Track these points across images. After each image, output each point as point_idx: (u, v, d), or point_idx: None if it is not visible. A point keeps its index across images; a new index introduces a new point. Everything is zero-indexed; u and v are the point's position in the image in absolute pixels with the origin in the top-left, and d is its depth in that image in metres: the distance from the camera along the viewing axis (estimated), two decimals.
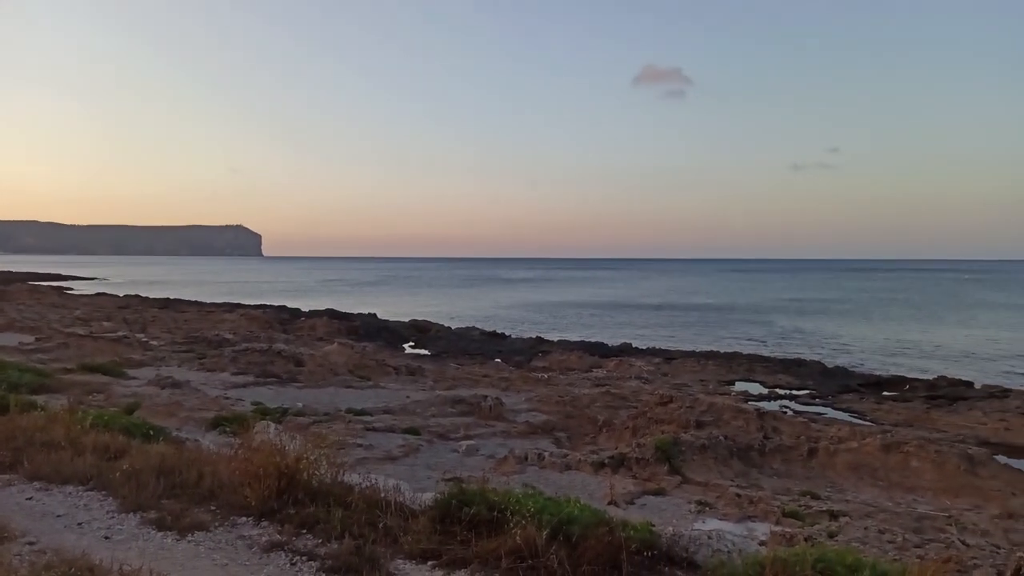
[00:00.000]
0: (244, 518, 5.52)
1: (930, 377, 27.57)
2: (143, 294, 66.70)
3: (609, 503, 9.54)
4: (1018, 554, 7.35)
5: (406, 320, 46.57)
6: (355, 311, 50.42)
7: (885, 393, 25.40)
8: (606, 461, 11.73)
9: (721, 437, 13.44)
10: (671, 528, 5.37)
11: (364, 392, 19.25)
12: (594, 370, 28.62)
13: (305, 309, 51.59)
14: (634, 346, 37.07)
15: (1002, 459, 14.54)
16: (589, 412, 17.68)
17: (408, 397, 18.35)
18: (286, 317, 44.48)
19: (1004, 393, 23.52)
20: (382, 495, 5.67)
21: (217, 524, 5.40)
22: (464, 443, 13.31)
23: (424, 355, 33.13)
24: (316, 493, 5.84)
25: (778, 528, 8.67)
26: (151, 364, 21.50)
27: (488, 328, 45.02)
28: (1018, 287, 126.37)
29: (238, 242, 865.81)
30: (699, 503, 9.94)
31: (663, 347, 37.21)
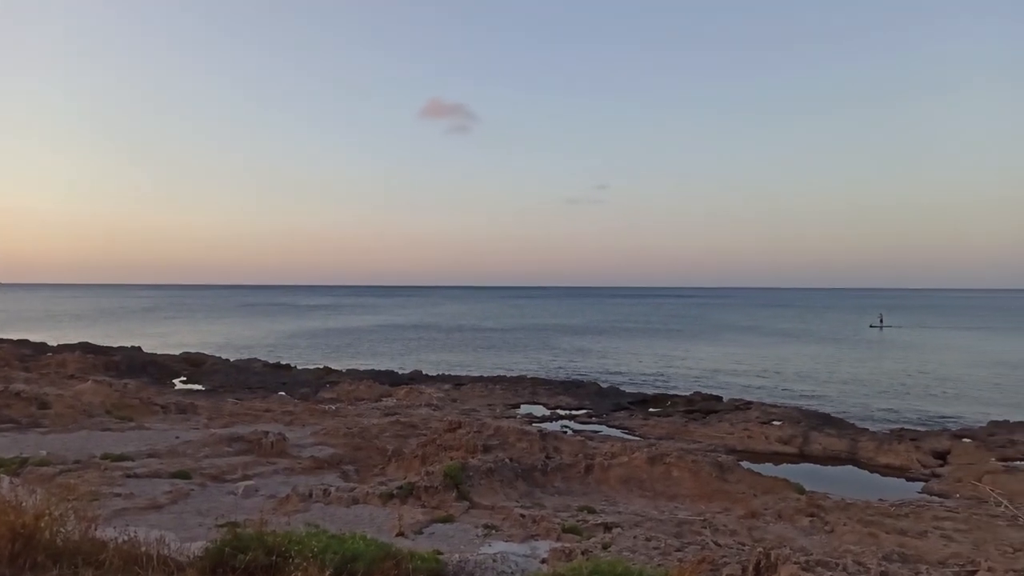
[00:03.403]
0: None
1: (688, 393, 30.69)
2: None
3: (397, 535, 9.42)
4: (759, 549, 8.36)
5: (177, 353, 42.71)
6: (116, 344, 45.27)
7: (651, 409, 27.79)
8: (395, 492, 11.58)
9: (507, 460, 13.87)
10: (457, 555, 5.43)
11: (125, 434, 17.29)
12: (384, 399, 28.25)
13: (53, 343, 45.35)
14: (425, 373, 37.18)
15: (746, 464, 16.51)
16: (378, 442, 17.38)
17: (178, 437, 16.79)
18: (27, 353, 38.68)
19: (747, 405, 26.77)
20: (143, 549, 5.09)
21: None
22: (242, 484, 12.44)
23: (198, 391, 30.56)
24: (61, 553, 5.09)
25: (558, 544, 9.09)
26: None
27: (272, 359, 42.69)
28: (753, 310, 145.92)
29: None
30: (486, 527, 10.14)
31: (453, 373, 37.74)
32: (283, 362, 40.99)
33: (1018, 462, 18.55)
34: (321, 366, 39.24)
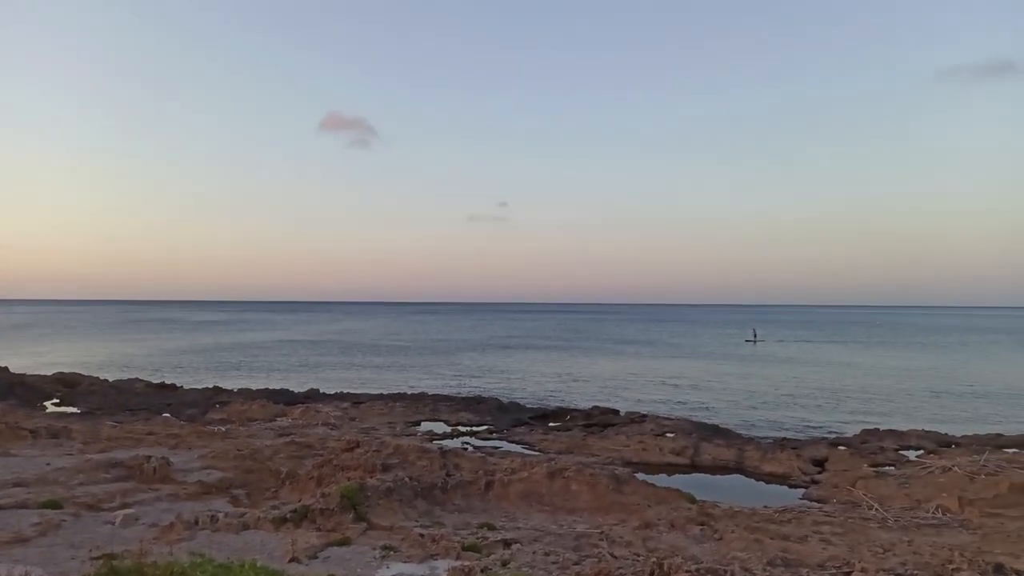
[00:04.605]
0: None
1: (586, 407, 31.32)
2: None
3: (291, 560, 9.08)
4: (652, 559, 8.59)
5: (50, 373, 39.68)
6: None
7: (551, 424, 28.14)
8: (288, 515, 11.15)
9: (406, 479, 13.65)
10: None
11: None
12: (278, 419, 27.24)
13: None
14: (322, 391, 36.16)
15: (641, 476, 16.96)
16: (271, 464, 16.72)
17: (48, 464, 15.56)
18: None
19: (642, 418, 27.57)
20: None
21: None
22: (121, 512, 11.64)
23: (72, 413, 28.47)
24: None
25: (458, 563, 9.02)
26: None
27: (156, 379, 40.41)
28: (647, 325, 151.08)
29: None
30: (384, 548, 9.93)
31: (352, 391, 36.91)
32: (168, 382, 38.87)
33: (888, 467, 19.97)
34: (210, 385, 37.47)
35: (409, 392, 36.14)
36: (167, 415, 28.06)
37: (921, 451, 22.59)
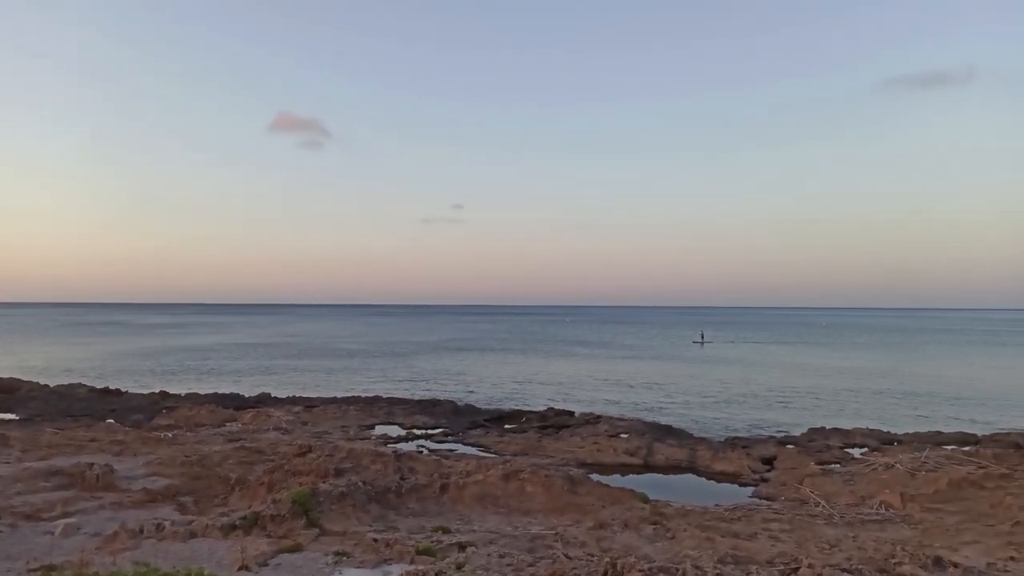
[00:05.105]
0: None
1: (542, 409, 31.43)
2: None
3: (240, 568, 8.89)
4: (606, 559, 8.66)
5: None
6: None
7: (507, 426, 28.16)
8: (237, 523, 10.91)
9: (360, 483, 13.50)
10: None
11: None
12: (228, 424, 26.69)
13: None
14: (273, 395, 35.51)
15: (596, 477, 17.11)
16: (220, 471, 16.36)
17: None
18: None
19: (596, 419, 27.80)
20: None
21: None
22: (61, 522, 11.25)
23: (10, 420, 27.37)
24: None
25: (412, 567, 8.95)
26: None
27: (100, 384, 39.09)
28: (601, 326, 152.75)
29: None
30: (337, 554, 9.80)
31: (304, 395, 36.35)
32: (112, 387, 37.66)
33: (834, 465, 20.54)
34: (157, 390, 36.42)
35: (363, 395, 35.75)
36: (111, 421, 27.21)
37: (865, 449, 23.28)
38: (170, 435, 23.04)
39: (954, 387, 43.39)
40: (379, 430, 26.66)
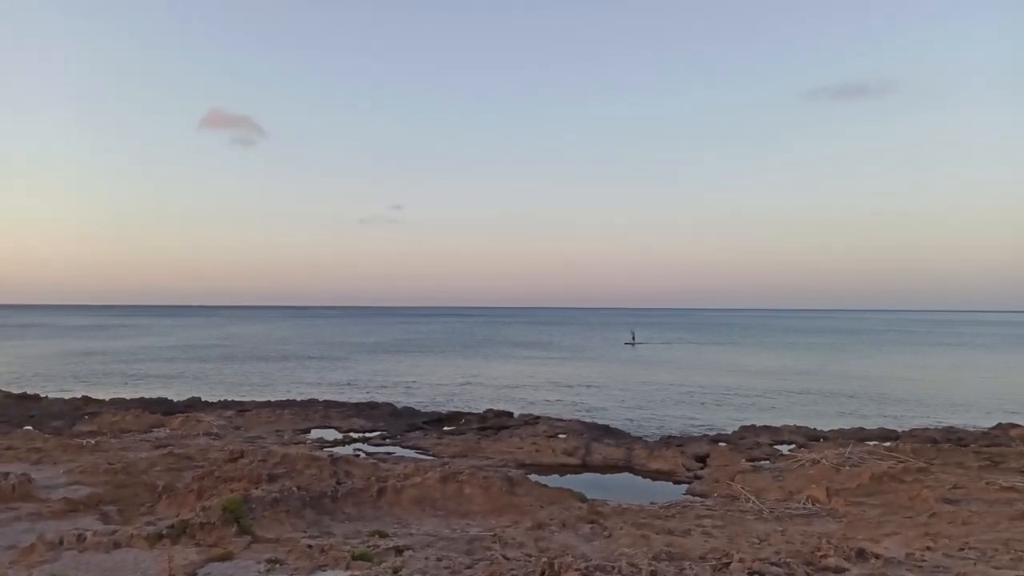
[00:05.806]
0: None
1: (481, 411, 31.41)
2: None
3: None
4: (543, 559, 8.69)
5: None
6: None
7: (446, 428, 28.03)
8: (165, 531, 10.51)
9: (294, 488, 13.20)
10: None
11: None
12: (155, 429, 25.72)
13: None
14: (203, 400, 34.40)
15: (534, 477, 17.17)
16: (147, 478, 15.75)
17: None
18: None
19: (535, 420, 27.95)
20: None
21: None
22: None
23: None
24: None
25: (347, 573, 8.80)
26: None
27: (16, 388, 37.17)
28: (539, 327, 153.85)
29: None
30: (269, 561, 9.54)
31: (237, 399, 35.37)
32: (30, 391, 35.88)
33: (763, 462, 21.18)
34: (79, 395, 34.86)
35: (298, 399, 35.03)
36: (29, 428, 25.84)
37: (793, 445, 24.10)
38: (93, 442, 22.02)
39: (875, 386, 45.35)
40: (315, 434, 26.15)
